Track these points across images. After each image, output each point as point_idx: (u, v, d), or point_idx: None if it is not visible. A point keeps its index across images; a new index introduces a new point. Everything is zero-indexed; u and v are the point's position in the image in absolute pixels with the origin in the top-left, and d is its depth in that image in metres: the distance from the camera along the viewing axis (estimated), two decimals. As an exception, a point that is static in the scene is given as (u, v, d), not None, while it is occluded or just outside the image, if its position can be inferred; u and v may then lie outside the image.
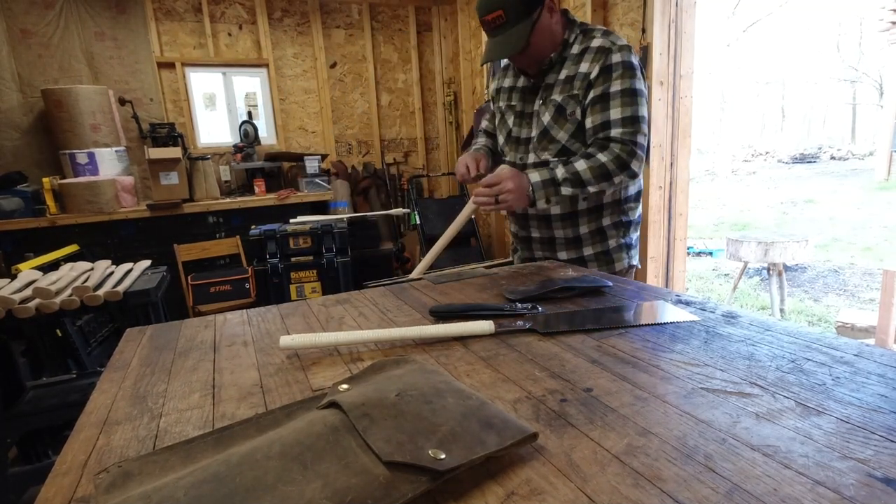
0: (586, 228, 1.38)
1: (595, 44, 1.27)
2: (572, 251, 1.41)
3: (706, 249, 6.11)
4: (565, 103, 1.30)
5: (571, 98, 1.29)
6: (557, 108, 1.31)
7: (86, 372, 2.12)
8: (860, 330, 3.00)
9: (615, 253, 1.41)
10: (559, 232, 1.40)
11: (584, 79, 1.27)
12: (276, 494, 0.40)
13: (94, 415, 0.62)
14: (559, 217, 1.38)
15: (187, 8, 3.98)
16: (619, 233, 1.40)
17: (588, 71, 1.26)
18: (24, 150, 3.69)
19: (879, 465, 0.43)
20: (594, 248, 1.40)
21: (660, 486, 0.41)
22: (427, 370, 0.60)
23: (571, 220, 1.38)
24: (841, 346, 0.67)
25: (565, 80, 1.30)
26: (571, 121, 1.30)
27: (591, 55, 1.27)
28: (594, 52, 1.26)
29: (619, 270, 1.41)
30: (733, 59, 18.08)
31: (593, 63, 1.26)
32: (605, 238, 1.40)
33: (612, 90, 1.24)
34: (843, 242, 6.17)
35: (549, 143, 1.33)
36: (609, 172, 1.22)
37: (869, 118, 20.17)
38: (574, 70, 1.29)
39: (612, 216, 1.38)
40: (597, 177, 1.22)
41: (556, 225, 1.39)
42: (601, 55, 1.25)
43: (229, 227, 3.81)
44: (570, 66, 1.30)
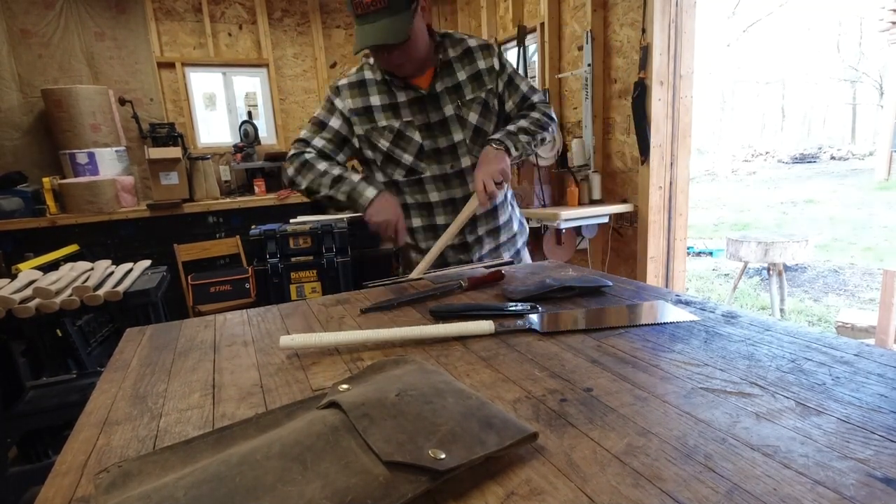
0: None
1: (473, 43, 1.38)
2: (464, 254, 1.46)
3: (706, 249, 6.11)
4: (488, 98, 1.37)
5: (490, 93, 1.37)
6: (483, 105, 1.37)
7: (86, 372, 2.12)
8: (860, 330, 3.00)
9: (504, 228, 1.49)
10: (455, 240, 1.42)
11: (490, 72, 1.37)
12: (276, 494, 0.40)
13: (94, 415, 0.62)
14: None
15: (187, 8, 3.98)
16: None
17: (489, 66, 1.37)
18: (24, 150, 3.69)
19: (879, 464, 0.43)
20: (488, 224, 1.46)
21: (660, 486, 0.41)
22: (427, 370, 0.60)
23: None
24: (841, 346, 0.67)
25: (469, 79, 1.36)
26: (494, 112, 1.40)
27: (480, 52, 1.37)
28: (479, 49, 1.37)
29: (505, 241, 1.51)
30: (733, 59, 18.09)
31: (488, 59, 1.37)
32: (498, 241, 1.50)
33: (509, 72, 1.40)
34: (843, 242, 6.17)
35: (483, 141, 1.36)
36: (544, 123, 1.39)
37: (869, 118, 20.17)
38: (473, 69, 1.36)
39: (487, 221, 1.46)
40: (536, 125, 1.37)
41: None
42: (487, 51, 1.38)
43: (229, 227, 3.81)
44: (467, 67, 1.36)
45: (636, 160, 2.85)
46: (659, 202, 2.83)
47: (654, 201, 2.81)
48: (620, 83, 2.93)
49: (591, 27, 2.96)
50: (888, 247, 5.83)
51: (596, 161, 3.10)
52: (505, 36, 3.89)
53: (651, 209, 2.81)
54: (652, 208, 2.81)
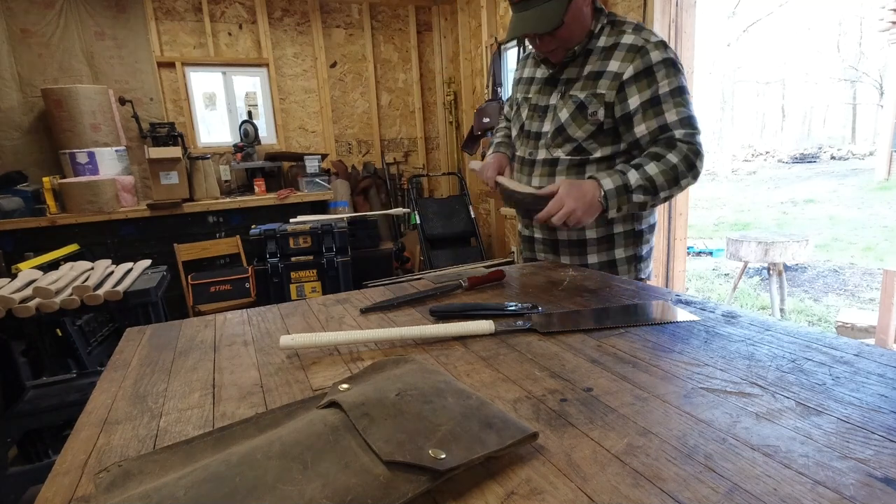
0: (594, 233, 1.28)
1: (626, 40, 1.16)
2: (575, 257, 1.32)
3: (706, 249, 6.11)
4: (588, 101, 1.19)
5: (595, 97, 1.19)
6: (578, 106, 1.21)
7: (86, 372, 2.12)
8: (860, 330, 3.00)
9: (621, 265, 1.30)
10: (563, 234, 1.31)
11: (614, 78, 1.17)
12: (276, 494, 0.40)
13: (94, 414, 0.62)
14: None
15: (187, 7, 3.98)
16: (628, 242, 1.29)
17: (619, 71, 1.16)
18: (24, 150, 3.69)
19: (879, 464, 0.43)
20: (599, 255, 1.29)
21: (660, 486, 0.41)
22: (427, 370, 0.60)
23: None
24: (841, 345, 0.67)
25: (589, 75, 1.20)
26: (592, 121, 1.20)
27: (623, 53, 1.16)
28: (626, 49, 1.16)
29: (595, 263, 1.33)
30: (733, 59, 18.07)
31: (625, 63, 1.15)
32: (613, 246, 1.29)
33: (661, 92, 1.13)
34: (843, 242, 6.17)
35: (564, 141, 1.24)
36: (678, 175, 1.11)
37: (869, 118, 20.17)
38: (601, 66, 1.19)
39: (624, 223, 1.28)
40: (669, 181, 1.11)
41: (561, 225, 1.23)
42: (635, 54, 1.15)
43: (229, 226, 3.81)
44: (597, 62, 1.20)
45: (636, 160, 2.85)
46: (659, 202, 2.83)
47: (654, 201, 2.81)
48: (620, 83, 2.93)
49: (591, 27, 2.95)
50: (888, 247, 5.83)
51: (596, 161, 3.09)
52: (505, 36, 3.89)
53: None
54: (652, 208, 2.81)
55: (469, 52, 4.58)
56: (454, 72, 4.82)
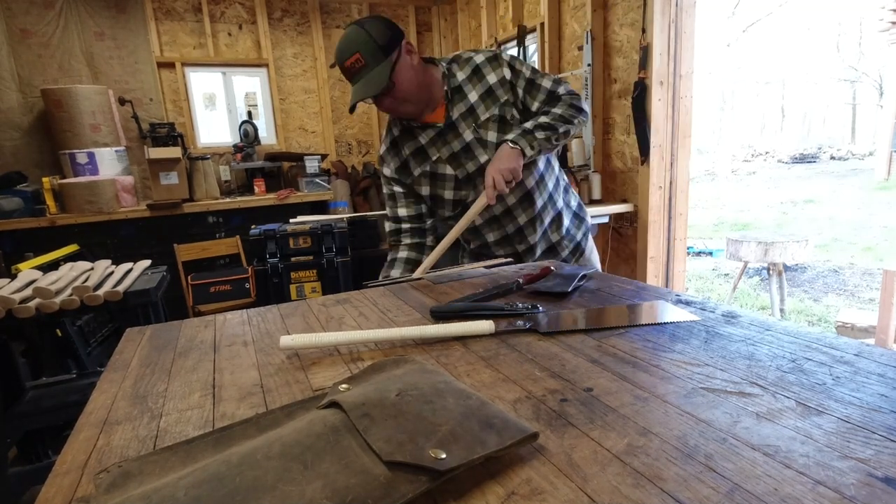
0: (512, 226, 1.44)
1: (479, 59, 1.35)
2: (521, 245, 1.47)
3: (706, 249, 6.11)
4: (503, 112, 1.33)
5: (505, 105, 1.34)
6: (500, 120, 1.33)
7: (86, 372, 2.12)
8: (860, 330, 3.00)
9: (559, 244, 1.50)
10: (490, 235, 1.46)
11: (502, 84, 1.34)
12: (277, 494, 0.40)
13: (94, 415, 0.62)
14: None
15: (187, 8, 3.98)
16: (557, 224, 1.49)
17: (500, 76, 1.33)
18: (24, 150, 3.69)
19: (880, 464, 0.43)
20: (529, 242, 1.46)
21: (660, 486, 0.41)
22: (427, 370, 0.60)
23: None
24: (841, 345, 0.67)
25: (482, 96, 1.34)
26: (514, 123, 1.34)
27: (489, 66, 1.34)
28: (487, 63, 1.34)
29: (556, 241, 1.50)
30: (733, 59, 18.09)
31: (497, 70, 1.34)
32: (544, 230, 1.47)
33: (527, 74, 1.34)
34: (843, 242, 6.17)
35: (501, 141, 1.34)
36: (568, 116, 1.30)
37: (869, 118, 20.17)
38: (484, 86, 1.34)
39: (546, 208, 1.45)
40: (559, 120, 1.29)
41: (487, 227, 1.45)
42: (496, 62, 1.34)
43: (229, 226, 3.81)
44: (477, 86, 1.34)
45: (636, 160, 2.85)
46: (659, 202, 2.83)
47: (654, 201, 2.81)
48: (620, 83, 2.93)
49: (591, 27, 2.96)
50: (888, 247, 5.83)
51: (596, 161, 3.10)
52: (505, 36, 3.89)
53: (651, 209, 2.81)
54: (652, 208, 2.81)
55: (469, 52, 4.57)
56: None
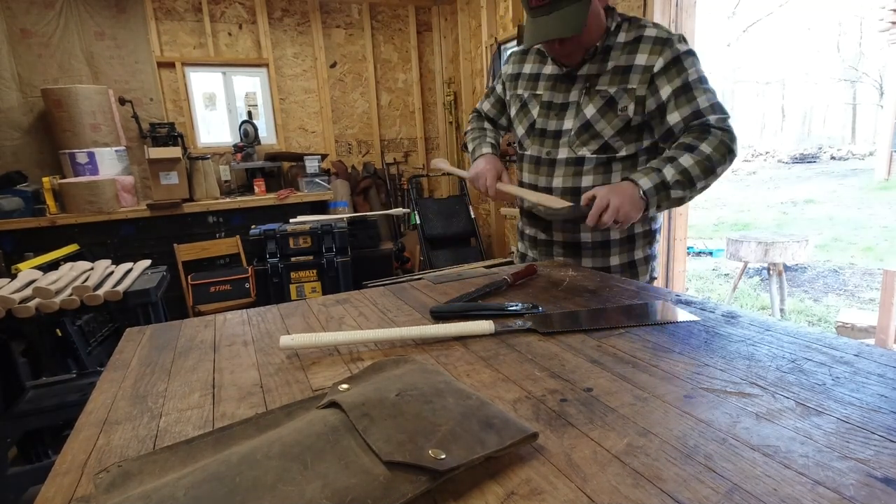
0: (616, 234, 1.28)
1: (650, 33, 1.16)
2: (598, 259, 1.30)
3: (706, 249, 6.11)
4: (618, 96, 1.17)
5: (626, 91, 1.17)
6: (608, 101, 1.18)
7: (86, 372, 2.12)
8: (860, 330, 3.00)
9: (640, 265, 1.32)
10: (587, 235, 1.29)
11: (644, 72, 1.15)
12: (276, 494, 0.40)
13: (93, 414, 0.62)
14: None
15: (187, 7, 3.98)
16: (645, 242, 1.32)
17: (649, 64, 1.15)
18: (24, 150, 3.69)
19: (879, 465, 0.43)
20: (621, 257, 1.30)
21: (660, 486, 0.41)
22: (427, 370, 0.60)
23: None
24: (841, 346, 0.67)
25: (616, 70, 1.18)
26: (621, 116, 1.18)
27: (650, 46, 1.15)
28: (652, 41, 1.15)
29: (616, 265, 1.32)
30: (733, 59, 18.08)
31: (653, 55, 1.14)
32: (633, 247, 1.31)
33: (691, 79, 1.13)
34: (843, 242, 6.17)
35: (591, 139, 1.21)
36: (714, 165, 1.10)
37: (869, 118, 20.17)
38: (627, 61, 1.17)
39: (642, 223, 1.28)
40: (704, 171, 1.09)
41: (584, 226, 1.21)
42: (662, 46, 1.14)
43: (229, 226, 3.81)
44: (621, 57, 1.18)
45: (636, 160, 2.85)
46: (659, 202, 2.82)
47: (654, 201, 2.81)
48: (620, 83, 2.93)
49: (591, 27, 2.95)
50: (888, 247, 5.83)
51: (596, 161, 3.09)
52: (505, 36, 3.89)
53: (651, 209, 2.81)
54: (652, 208, 2.81)
55: (469, 52, 4.58)
56: (454, 72, 4.82)
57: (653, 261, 1.34)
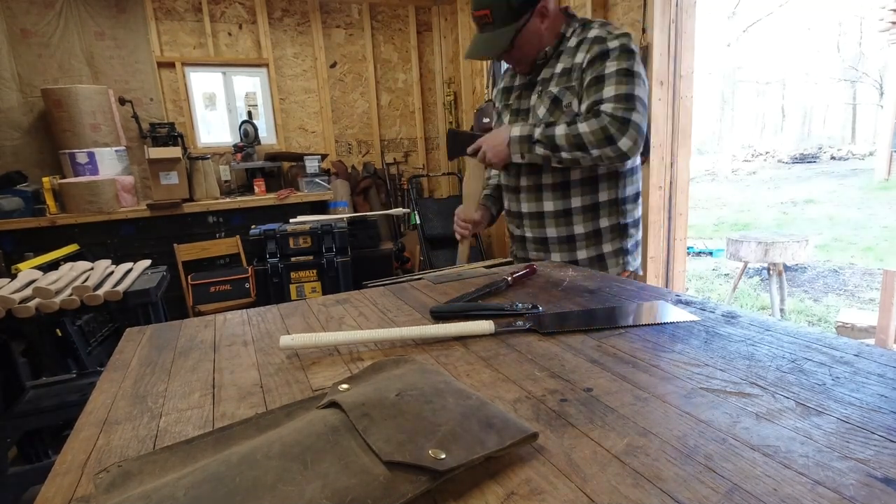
0: (581, 228, 1.36)
1: (592, 34, 1.26)
2: (565, 253, 1.38)
3: (706, 249, 6.11)
4: (561, 95, 1.29)
5: (568, 89, 1.28)
6: (553, 100, 1.30)
7: (86, 372, 2.12)
8: (860, 330, 3.00)
9: (609, 258, 1.38)
10: (552, 231, 1.38)
11: (579, 69, 1.26)
12: (276, 494, 0.40)
13: (93, 414, 0.62)
14: (552, 214, 1.36)
15: (187, 7, 3.98)
16: (614, 236, 1.37)
17: (582, 60, 1.26)
18: (24, 150, 3.69)
19: (879, 465, 0.43)
20: (588, 251, 1.37)
21: (660, 486, 0.41)
22: (427, 370, 0.60)
23: (565, 219, 1.36)
24: (841, 346, 0.67)
25: (561, 72, 1.30)
26: (567, 113, 1.28)
27: (588, 45, 1.26)
28: (590, 42, 1.25)
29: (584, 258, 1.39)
30: (733, 59, 18.06)
31: (589, 52, 1.25)
32: (601, 241, 1.37)
33: (606, 72, 1.21)
34: (843, 242, 6.17)
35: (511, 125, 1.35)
36: (585, 143, 1.19)
37: (869, 118, 20.18)
38: (570, 62, 1.28)
39: (610, 217, 1.36)
40: (571, 144, 1.21)
41: (549, 223, 1.37)
42: (596, 44, 1.24)
43: (229, 226, 3.81)
44: (566, 59, 1.29)
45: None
46: (659, 202, 2.83)
47: (654, 201, 2.81)
48: (620, 83, 2.93)
49: (591, 27, 2.96)
50: (888, 247, 5.83)
51: (596, 161, 3.10)
52: (505, 36, 3.89)
53: (651, 209, 2.81)
54: (652, 208, 2.81)
55: (469, 52, 4.57)
56: (454, 72, 4.82)
57: (627, 254, 1.39)
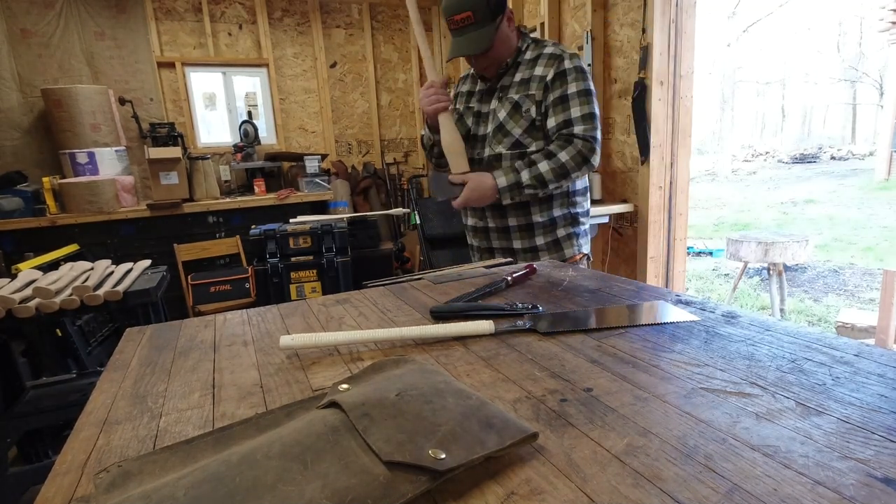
0: (539, 217, 1.53)
1: (548, 51, 1.45)
2: (525, 240, 1.56)
3: (706, 249, 6.11)
4: (521, 101, 1.45)
5: (528, 97, 1.44)
6: (514, 106, 1.46)
7: (86, 372, 2.12)
8: (860, 330, 3.00)
9: (564, 241, 1.57)
10: (513, 220, 1.55)
11: (540, 81, 1.43)
12: (276, 494, 0.40)
13: (93, 414, 0.62)
14: (513, 207, 1.52)
15: (187, 8, 3.98)
16: (566, 223, 1.56)
17: (544, 74, 1.42)
18: (24, 150, 3.69)
19: (879, 465, 0.43)
20: (545, 237, 1.55)
21: (660, 486, 0.41)
22: (427, 370, 0.60)
23: (524, 210, 1.53)
24: (841, 346, 0.67)
25: (521, 81, 1.46)
26: (526, 117, 1.45)
27: (546, 60, 1.43)
28: (547, 57, 1.44)
29: (569, 258, 1.57)
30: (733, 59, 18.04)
31: (548, 67, 1.42)
32: (555, 227, 1.55)
33: (569, 91, 1.41)
34: (843, 242, 6.17)
35: (504, 137, 1.48)
36: (568, 171, 1.40)
37: (869, 118, 20.17)
38: (529, 73, 1.45)
39: (562, 207, 1.54)
40: (557, 176, 1.40)
41: (511, 214, 1.54)
42: (555, 60, 1.42)
43: (229, 226, 3.81)
44: (525, 70, 1.46)
45: (636, 160, 2.85)
46: (659, 202, 2.83)
47: (654, 201, 2.81)
48: (620, 83, 2.93)
49: (591, 27, 2.96)
50: (888, 247, 5.83)
51: (596, 161, 3.10)
52: (505, 36, 3.89)
53: (651, 209, 2.81)
54: (652, 208, 2.81)
55: (469, 52, 4.57)
56: (454, 72, 4.82)
57: (579, 237, 1.59)
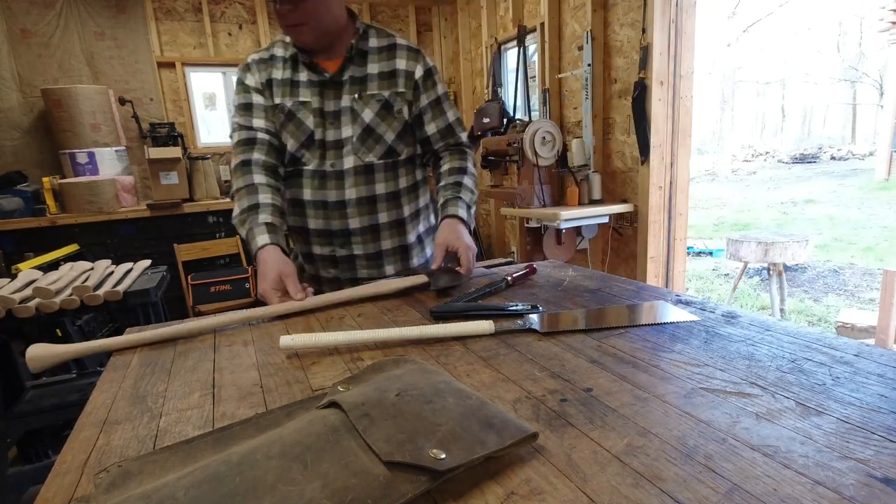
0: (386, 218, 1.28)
1: (401, 42, 1.25)
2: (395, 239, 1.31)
3: (706, 249, 6.11)
4: (392, 99, 1.22)
5: (398, 95, 1.22)
6: (384, 104, 1.21)
7: (86, 372, 2.12)
8: (860, 330, 3.00)
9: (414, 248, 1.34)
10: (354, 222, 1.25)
11: (407, 77, 1.23)
12: (276, 494, 0.40)
13: (93, 414, 0.62)
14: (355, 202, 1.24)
15: (187, 8, 3.98)
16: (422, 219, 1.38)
17: (409, 69, 1.23)
18: (24, 150, 3.69)
19: (879, 465, 0.43)
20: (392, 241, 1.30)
21: (660, 486, 0.41)
22: (427, 370, 0.60)
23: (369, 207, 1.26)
24: (841, 346, 0.67)
25: (381, 74, 1.22)
26: (399, 119, 1.23)
27: (405, 52, 1.24)
28: (406, 49, 1.24)
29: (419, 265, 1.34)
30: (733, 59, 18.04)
31: (412, 62, 1.24)
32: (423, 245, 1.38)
33: (440, 93, 1.28)
34: (843, 242, 6.17)
35: (375, 144, 1.22)
36: (475, 175, 1.32)
37: (869, 118, 20.18)
38: (389, 66, 1.23)
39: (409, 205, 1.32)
40: (476, 184, 1.31)
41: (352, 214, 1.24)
42: (415, 55, 1.25)
43: (229, 226, 3.81)
44: (381, 62, 1.23)
45: (636, 160, 2.85)
46: (659, 202, 2.83)
47: (654, 201, 2.81)
48: (620, 83, 2.93)
49: (591, 27, 2.96)
50: (888, 247, 5.83)
51: (596, 161, 3.10)
52: (505, 36, 3.89)
53: (651, 209, 2.81)
54: (652, 208, 2.81)
55: (469, 52, 4.58)
56: (454, 72, 4.82)
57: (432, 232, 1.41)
